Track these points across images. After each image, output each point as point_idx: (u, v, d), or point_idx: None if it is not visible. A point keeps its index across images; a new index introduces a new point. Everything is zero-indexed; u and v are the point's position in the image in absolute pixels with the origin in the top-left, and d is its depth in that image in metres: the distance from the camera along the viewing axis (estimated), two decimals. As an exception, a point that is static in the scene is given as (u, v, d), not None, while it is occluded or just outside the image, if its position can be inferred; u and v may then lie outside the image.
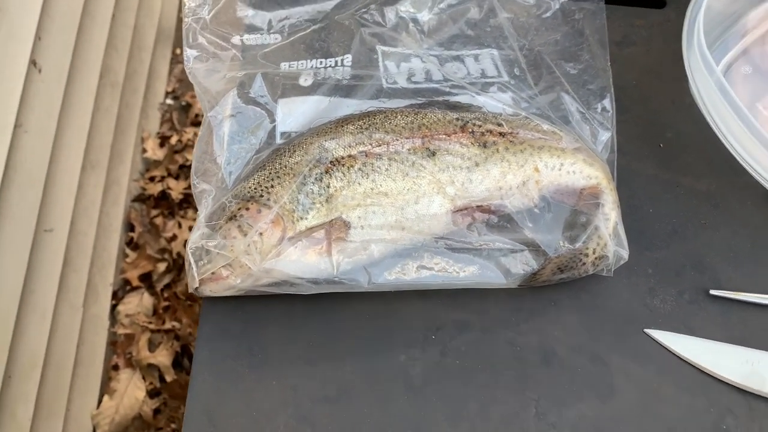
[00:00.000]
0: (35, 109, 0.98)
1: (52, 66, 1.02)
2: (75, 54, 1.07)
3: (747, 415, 0.46)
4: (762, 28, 0.53)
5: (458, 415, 0.46)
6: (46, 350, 1.00)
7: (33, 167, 0.95)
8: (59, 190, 1.03)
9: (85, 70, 1.12)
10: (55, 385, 1.07)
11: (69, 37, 1.05)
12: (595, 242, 0.46)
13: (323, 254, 0.44)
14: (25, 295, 0.93)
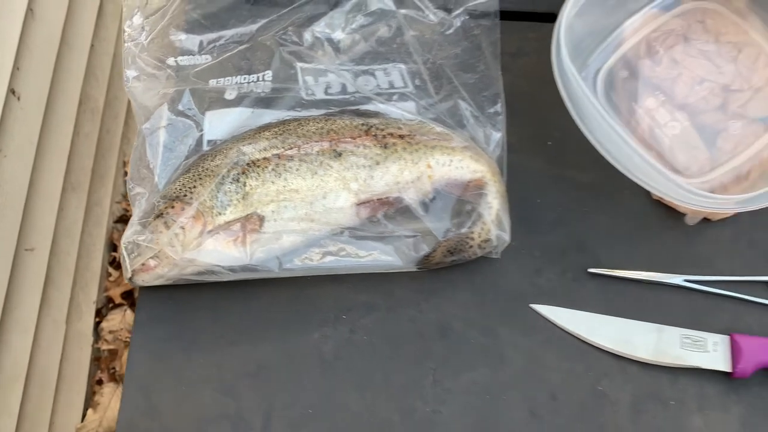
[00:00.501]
0: (14, 135, 1.03)
1: (31, 94, 1.08)
2: (53, 82, 1.13)
3: (621, 377, 0.52)
4: (636, 37, 0.60)
5: (364, 385, 0.51)
6: (28, 363, 1.04)
7: (13, 189, 1.01)
8: (40, 210, 1.09)
9: (64, 97, 1.19)
10: (39, 398, 1.12)
11: (47, 67, 1.11)
12: (479, 227, 0.52)
13: (239, 244, 0.50)
14: (7, 310, 0.99)
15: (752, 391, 0.51)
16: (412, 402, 0.51)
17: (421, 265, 0.52)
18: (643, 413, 0.50)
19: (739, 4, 0.58)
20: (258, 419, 0.50)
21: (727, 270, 0.55)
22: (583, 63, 0.59)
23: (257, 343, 0.52)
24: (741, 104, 0.56)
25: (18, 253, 1.02)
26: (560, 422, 0.50)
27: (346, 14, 0.60)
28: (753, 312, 0.53)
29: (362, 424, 0.50)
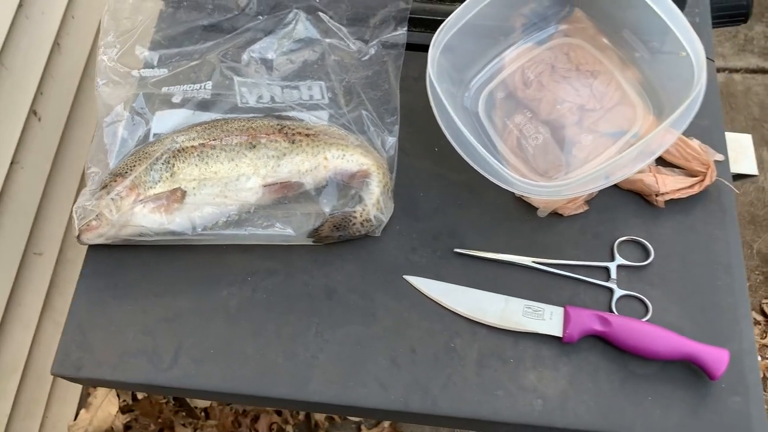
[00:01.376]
0: (32, 150, 1.17)
1: (51, 116, 1.22)
2: (73, 107, 1.27)
3: (471, 338, 0.62)
4: (514, 65, 0.72)
5: (259, 333, 0.62)
6: (27, 357, 1.13)
7: (26, 198, 1.11)
8: (50, 219, 1.19)
9: (83, 121, 1.33)
10: (35, 390, 1.21)
11: (68, 94, 1.25)
12: (361, 208, 0.64)
13: (163, 212, 0.62)
14: (11, 305, 1.09)
15: (580, 355, 0.60)
16: (296, 348, 0.61)
17: (314, 237, 0.64)
18: (486, 368, 0.60)
19: (601, 41, 0.70)
20: (169, 355, 0.61)
21: (573, 256, 0.65)
22: (467, 86, 0.71)
23: (176, 295, 0.64)
24: (593, 121, 0.67)
25: (27, 256, 1.13)
26: (415, 370, 0.60)
27: (279, 40, 0.74)
28: (589, 290, 0.63)
29: (253, 363, 0.61)
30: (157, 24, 0.76)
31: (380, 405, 0.59)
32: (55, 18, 1.06)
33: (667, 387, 0.59)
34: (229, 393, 0.60)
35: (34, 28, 0.98)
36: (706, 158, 0.66)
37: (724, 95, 2.06)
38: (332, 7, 0.74)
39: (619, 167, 0.57)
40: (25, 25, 0.96)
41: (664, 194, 0.65)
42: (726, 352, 0.57)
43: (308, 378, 0.60)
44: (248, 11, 0.75)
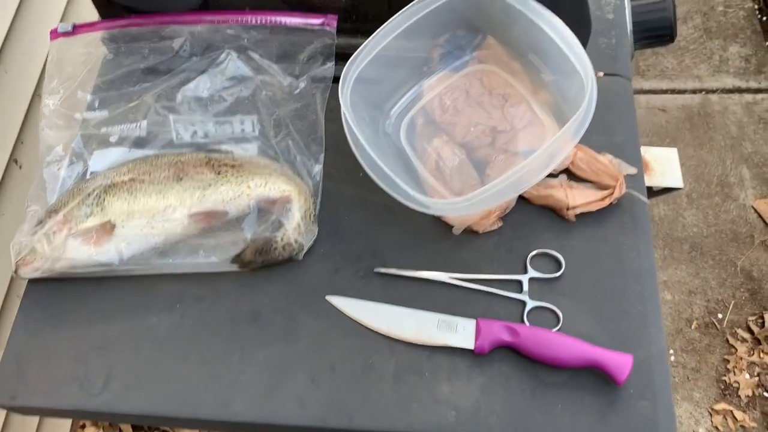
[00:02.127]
0: (13, 197, 1.23)
1: (32, 162, 1.27)
2: None
3: (388, 354, 0.64)
4: (432, 92, 0.75)
5: (186, 358, 0.65)
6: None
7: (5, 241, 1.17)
8: None
9: None
10: (20, 428, 1.25)
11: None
12: (281, 233, 0.66)
13: (93, 244, 0.66)
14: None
15: (493, 366, 0.62)
16: (220, 371, 0.64)
17: (237, 262, 0.67)
18: (402, 382, 0.62)
19: (513, 65, 0.74)
20: (100, 380, 0.64)
21: (488, 270, 0.67)
22: (388, 113, 0.75)
23: (109, 323, 0.67)
24: (505, 141, 0.70)
25: (9, 298, 1.17)
26: (334, 388, 0.62)
27: (212, 78, 0.78)
28: (502, 303, 0.65)
29: (179, 387, 0.63)
30: (99, 69, 0.80)
31: (299, 422, 0.61)
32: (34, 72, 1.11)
33: (576, 394, 0.60)
34: (155, 416, 0.62)
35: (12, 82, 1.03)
36: (615, 172, 0.68)
37: (701, 116, 2.09)
38: (262, 45, 0.78)
39: (512, 181, 0.59)
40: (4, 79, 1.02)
41: (574, 208, 0.67)
42: (629, 357, 0.59)
43: (231, 399, 0.62)
44: (182, 53, 0.79)
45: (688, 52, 2.26)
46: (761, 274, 1.80)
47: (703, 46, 2.24)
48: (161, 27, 0.77)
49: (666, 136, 2.03)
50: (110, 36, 0.79)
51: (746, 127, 2.04)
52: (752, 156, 1.98)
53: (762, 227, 1.88)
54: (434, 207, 0.61)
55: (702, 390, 1.64)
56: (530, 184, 0.61)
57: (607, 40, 0.81)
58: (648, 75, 2.19)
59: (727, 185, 1.94)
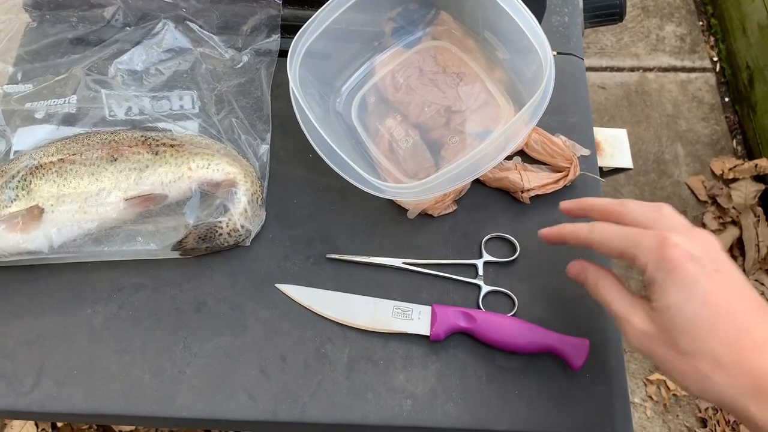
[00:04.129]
0: None
1: None
2: None
3: (341, 342, 0.61)
4: (384, 69, 0.72)
5: (124, 351, 0.61)
6: None
7: None
8: None
9: None
10: None
11: None
12: (227, 218, 0.63)
13: (19, 231, 0.60)
14: None
15: (448, 352, 0.61)
16: (162, 364, 0.60)
17: (179, 250, 0.63)
18: (356, 371, 0.60)
19: (468, 43, 0.71)
20: (30, 378, 0.59)
21: (442, 255, 0.65)
22: (338, 91, 0.71)
23: (38, 316, 0.62)
24: (460, 122, 0.68)
25: None
26: (285, 379, 0.59)
27: (147, 50, 0.72)
28: (458, 288, 0.64)
29: (118, 382, 0.59)
30: (21, 38, 0.74)
31: (248, 417, 0.58)
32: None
33: (533, 380, 0.60)
34: (93, 414, 0.58)
35: None
36: (569, 154, 0.67)
37: (639, 93, 2.12)
38: (201, 16, 0.74)
39: (468, 165, 0.57)
40: None
41: (529, 190, 0.66)
42: (586, 341, 0.59)
43: (174, 394, 0.59)
44: (114, 23, 0.73)
45: (627, 30, 2.29)
46: (693, 248, 1.86)
47: (641, 25, 2.28)
48: (91, -7, 0.71)
49: (605, 113, 2.06)
50: (33, 2, 0.73)
51: (681, 105, 2.10)
52: (686, 134, 2.03)
53: (694, 203, 1.94)
54: (389, 191, 0.58)
55: (637, 362, 1.69)
56: (486, 169, 0.59)
57: (560, 18, 0.80)
58: (588, 52, 2.21)
59: (662, 162, 1.99)
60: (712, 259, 0.46)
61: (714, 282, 0.44)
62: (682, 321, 0.45)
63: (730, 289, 0.45)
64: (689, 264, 0.45)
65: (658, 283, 0.46)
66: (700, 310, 0.44)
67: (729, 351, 0.43)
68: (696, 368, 0.44)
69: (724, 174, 1.94)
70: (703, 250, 0.46)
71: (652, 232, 0.48)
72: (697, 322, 0.44)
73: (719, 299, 0.44)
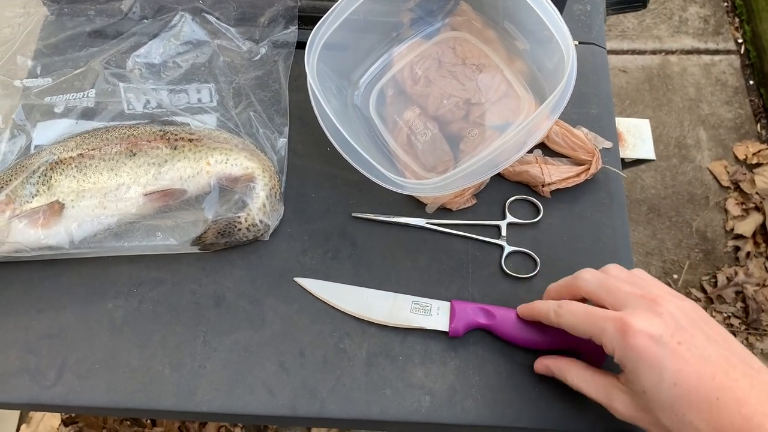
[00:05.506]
0: None
1: None
2: None
3: (360, 337, 0.61)
4: (403, 61, 0.71)
5: (144, 345, 0.61)
6: None
7: None
8: None
9: None
10: None
11: None
12: (245, 213, 0.63)
13: (40, 227, 0.61)
14: None
15: (468, 349, 0.61)
16: (182, 359, 0.60)
17: (198, 245, 0.63)
18: (374, 367, 0.60)
19: (488, 34, 0.70)
20: (53, 372, 0.60)
21: (459, 252, 0.65)
22: (356, 84, 0.71)
23: (60, 310, 0.62)
24: (479, 115, 0.67)
25: None
26: (304, 374, 0.60)
27: (164, 43, 0.72)
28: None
29: (139, 376, 0.60)
30: (40, 32, 0.74)
31: (267, 411, 0.58)
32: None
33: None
34: (114, 408, 0.59)
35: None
36: (591, 147, 0.66)
37: (660, 77, 2.09)
38: (218, 8, 0.73)
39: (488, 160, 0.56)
40: None
41: (550, 184, 0.65)
42: (607, 339, 0.58)
43: (195, 388, 0.59)
44: (132, 15, 0.73)
45: (649, 12, 2.25)
46: (715, 235, 1.84)
47: (664, 6, 2.24)
48: (108, -14, 0.71)
49: (626, 97, 2.03)
50: (51, -5, 0.72)
51: (704, 88, 2.06)
52: (709, 118, 2.00)
53: (716, 189, 1.91)
54: (407, 187, 0.58)
55: (657, 349, 1.67)
56: (507, 164, 0.58)
57: (582, 7, 0.78)
58: (609, 35, 2.18)
59: (684, 147, 1.96)
60: (672, 331, 0.46)
61: (679, 357, 0.45)
62: (659, 402, 0.46)
63: (696, 357, 0.45)
64: (653, 348, 0.46)
65: (629, 369, 0.47)
66: (673, 391, 0.45)
67: (708, 422, 0.44)
68: None
69: (747, 159, 1.91)
70: (663, 325, 0.46)
71: (612, 316, 0.48)
72: (672, 401, 0.45)
73: (688, 374, 0.44)
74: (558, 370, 0.56)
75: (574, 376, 0.54)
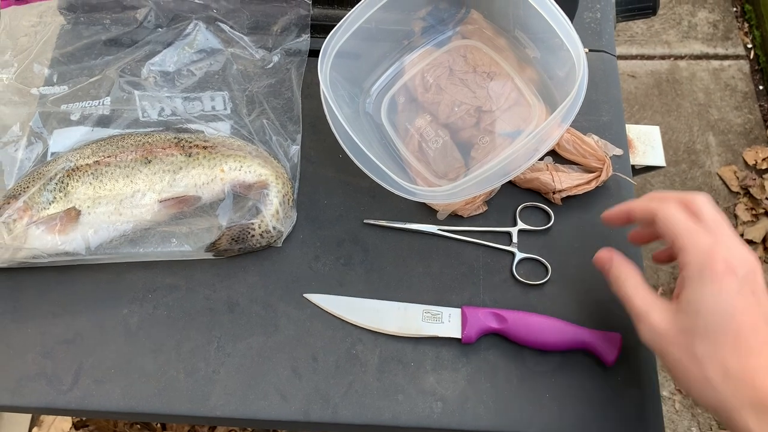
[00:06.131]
0: None
1: None
2: None
3: (372, 344, 0.62)
4: (414, 69, 0.72)
5: (160, 350, 0.62)
6: None
7: None
8: None
9: None
10: None
11: None
12: (259, 220, 0.63)
13: (57, 233, 0.62)
14: None
15: (479, 355, 0.61)
16: (196, 364, 0.61)
17: (212, 251, 0.63)
18: (387, 373, 0.60)
19: (499, 41, 0.71)
20: (69, 377, 0.61)
21: (471, 259, 0.65)
22: (368, 91, 0.71)
23: (76, 315, 0.63)
24: (490, 122, 0.68)
25: None
26: (317, 379, 0.60)
27: (179, 51, 0.73)
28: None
29: (153, 381, 0.60)
30: (56, 41, 0.75)
31: (281, 416, 0.59)
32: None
33: (564, 383, 0.59)
34: (130, 412, 0.60)
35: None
36: (601, 154, 0.67)
37: (669, 82, 2.09)
38: (232, 16, 0.74)
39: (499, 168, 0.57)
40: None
41: (560, 191, 0.66)
42: (618, 335, 0.59)
43: (208, 393, 0.60)
44: (147, 24, 0.74)
45: (658, 17, 2.25)
46: (725, 240, 1.83)
47: (672, 11, 2.24)
48: (123, -4, 0.72)
49: (635, 102, 2.03)
50: (68, 4, 0.73)
51: (713, 93, 2.06)
52: (718, 123, 2.00)
53: (726, 194, 1.91)
54: (419, 194, 0.58)
55: (667, 355, 1.67)
56: (518, 172, 0.59)
57: (592, 14, 0.79)
58: (618, 40, 2.18)
59: (693, 152, 1.96)
60: (751, 281, 0.47)
61: (747, 301, 0.46)
62: (705, 325, 0.46)
63: (759, 313, 0.46)
64: (730, 279, 0.46)
65: (695, 283, 0.47)
66: (726, 321, 0.45)
67: (740, 365, 0.44)
68: (703, 374, 0.46)
69: (757, 164, 1.90)
70: (747, 271, 0.47)
71: (708, 235, 0.48)
72: (720, 330, 0.45)
73: (746, 317, 0.45)
74: (617, 265, 0.56)
75: (628, 278, 0.54)
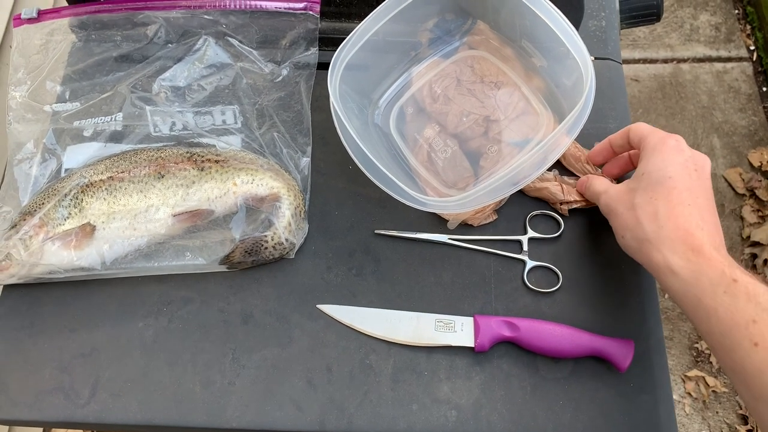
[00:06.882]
0: None
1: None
2: None
3: (386, 354, 0.62)
4: (422, 80, 0.73)
5: (176, 363, 0.63)
6: None
7: None
8: None
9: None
10: None
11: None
12: (272, 232, 0.64)
13: (73, 248, 0.63)
14: None
15: (492, 363, 0.61)
16: (212, 376, 0.62)
17: (226, 264, 0.64)
18: (401, 382, 0.61)
19: (505, 51, 0.71)
20: (86, 390, 0.61)
21: (481, 268, 0.66)
22: (377, 103, 0.72)
23: (92, 330, 0.64)
24: (498, 132, 0.68)
25: None
26: (331, 390, 0.61)
27: (189, 67, 0.74)
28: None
29: (170, 393, 0.61)
30: (68, 58, 0.76)
31: (297, 427, 0.59)
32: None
33: (576, 390, 0.60)
34: (146, 425, 0.60)
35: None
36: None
37: (673, 85, 2.09)
38: (241, 31, 0.75)
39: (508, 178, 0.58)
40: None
41: (568, 203, 0.66)
42: (631, 342, 0.59)
43: (225, 405, 0.60)
44: (157, 40, 0.75)
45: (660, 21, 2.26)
46: (731, 242, 1.84)
47: (675, 15, 2.24)
48: (134, 13, 0.73)
49: (639, 106, 2.03)
50: (79, 23, 0.74)
51: (716, 96, 2.06)
52: (722, 125, 2.00)
53: (732, 196, 1.91)
54: (429, 204, 0.59)
55: (675, 357, 1.68)
56: (528, 181, 0.60)
57: (597, 23, 0.79)
58: (620, 44, 2.18)
59: (698, 155, 1.95)
60: (697, 163, 0.55)
61: (687, 171, 0.54)
62: (647, 182, 0.55)
63: (698, 184, 0.54)
64: (678, 153, 0.55)
65: (648, 156, 0.57)
66: (665, 179, 0.54)
67: (668, 209, 0.52)
68: (636, 218, 0.54)
69: (762, 165, 1.91)
70: (696, 156, 0.56)
71: (671, 137, 0.58)
72: (657, 185, 0.54)
73: (683, 181, 0.53)
74: (590, 180, 0.64)
75: (597, 180, 0.63)
